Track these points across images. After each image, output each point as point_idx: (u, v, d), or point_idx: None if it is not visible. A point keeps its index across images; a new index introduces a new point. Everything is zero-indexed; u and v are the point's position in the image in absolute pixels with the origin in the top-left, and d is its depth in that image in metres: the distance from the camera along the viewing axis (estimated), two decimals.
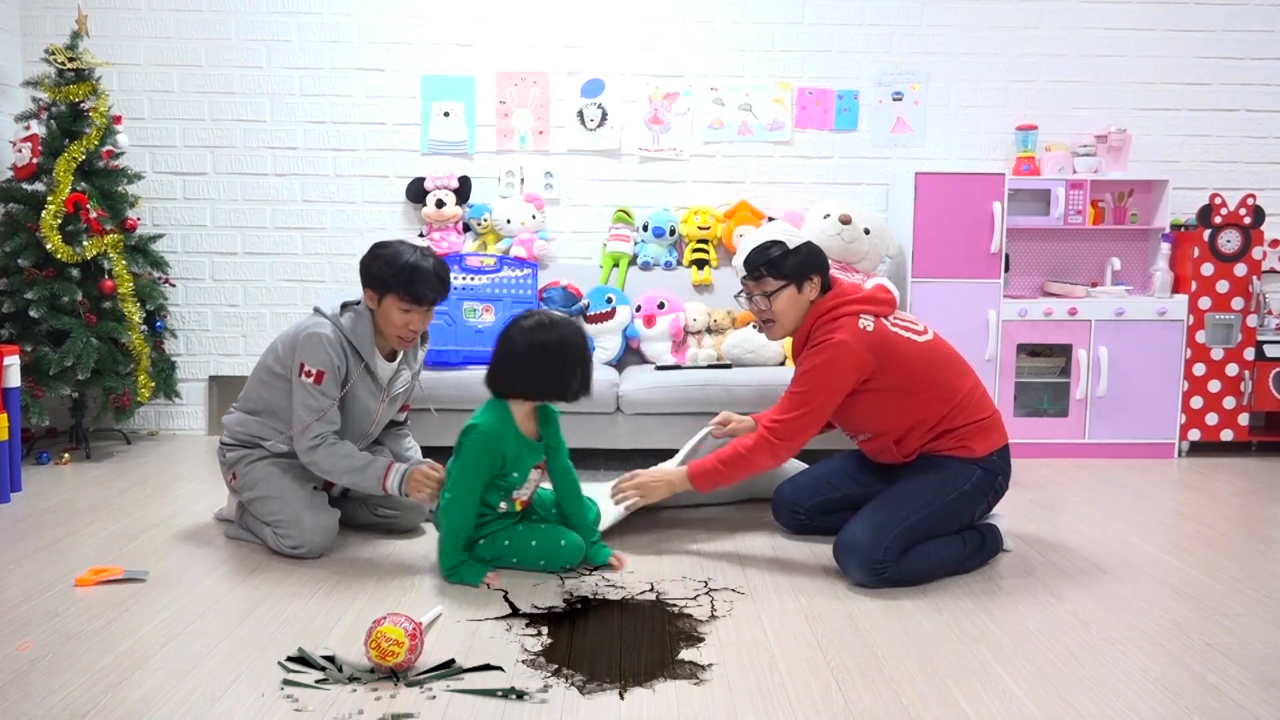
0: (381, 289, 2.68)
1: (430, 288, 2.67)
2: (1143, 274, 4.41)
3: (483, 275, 4.02)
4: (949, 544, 2.61)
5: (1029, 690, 1.94)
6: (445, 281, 2.72)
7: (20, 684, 1.92)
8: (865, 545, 2.50)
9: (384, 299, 2.69)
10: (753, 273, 2.70)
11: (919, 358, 2.65)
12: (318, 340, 2.66)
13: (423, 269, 2.65)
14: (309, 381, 2.65)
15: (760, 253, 2.68)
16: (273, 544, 2.72)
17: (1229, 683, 1.98)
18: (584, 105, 4.40)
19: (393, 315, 2.69)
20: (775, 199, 4.42)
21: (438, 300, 2.72)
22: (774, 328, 2.74)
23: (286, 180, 4.39)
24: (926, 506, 2.57)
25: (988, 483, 2.64)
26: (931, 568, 2.56)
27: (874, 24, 4.40)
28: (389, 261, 2.66)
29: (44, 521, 3.05)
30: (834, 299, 2.69)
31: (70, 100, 3.83)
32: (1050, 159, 4.29)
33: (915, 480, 2.63)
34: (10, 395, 3.39)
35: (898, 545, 2.50)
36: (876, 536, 2.50)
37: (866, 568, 2.49)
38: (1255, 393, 4.17)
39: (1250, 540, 2.99)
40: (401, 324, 2.70)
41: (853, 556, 2.51)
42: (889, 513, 2.55)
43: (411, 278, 2.64)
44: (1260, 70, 4.47)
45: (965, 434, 2.63)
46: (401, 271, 2.64)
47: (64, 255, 3.71)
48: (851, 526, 2.56)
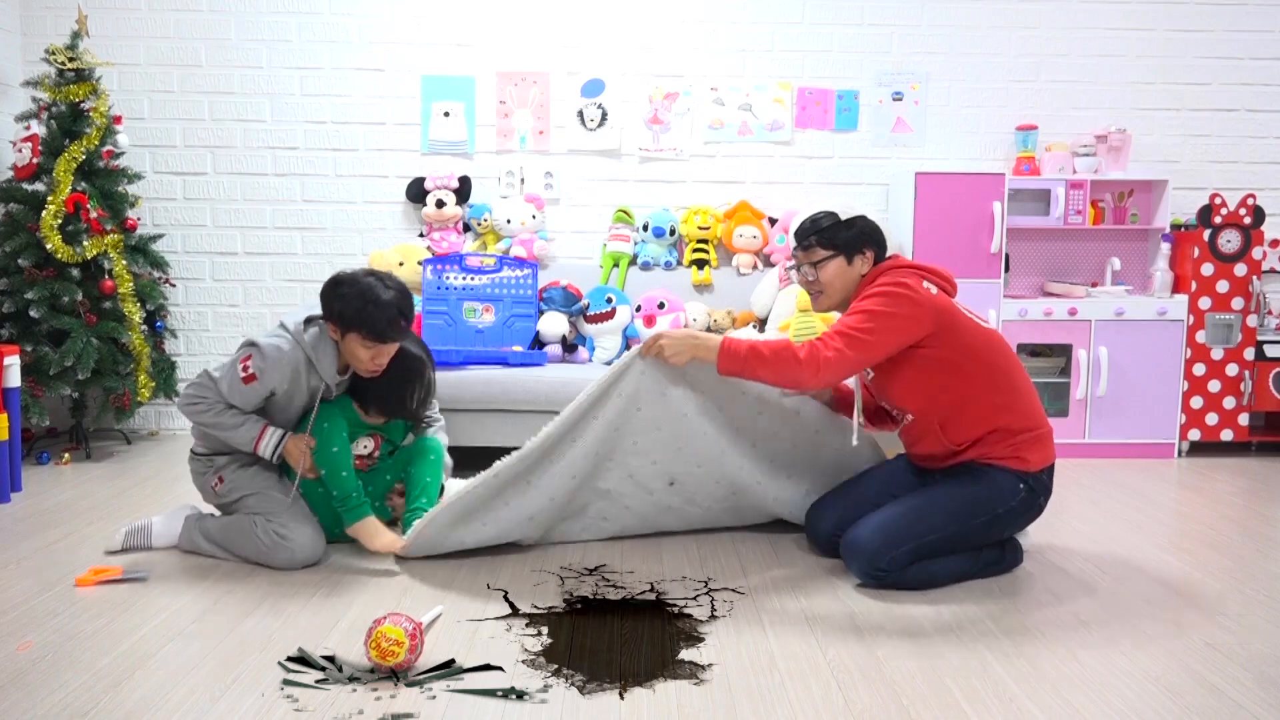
0: (343, 326, 2.64)
1: (391, 327, 2.62)
2: (1143, 274, 4.41)
3: (483, 275, 4.02)
4: (960, 561, 2.52)
5: (1029, 690, 1.94)
6: (408, 315, 2.67)
7: (20, 684, 1.92)
8: (871, 550, 2.43)
9: (346, 335, 2.65)
10: (802, 241, 2.64)
11: (978, 339, 2.50)
12: (275, 354, 2.60)
13: (383, 305, 2.60)
14: (241, 373, 2.60)
15: (811, 222, 2.62)
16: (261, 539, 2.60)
17: (1229, 683, 1.98)
18: (584, 105, 4.40)
19: (358, 352, 2.65)
20: (775, 199, 4.42)
21: (402, 335, 2.69)
22: (821, 299, 2.65)
23: (286, 180, 4.39)
24: (953, 524, 2.46)
25: (1029, 503, 2.52)
26: (936, 581, 2.49)
27: (874, 24, 4.40)
28: (349, 300, 2.61)
29: (44, 521, 3.05)
30: (894, 263, 2.59)
31: (70, 100, 3.83)
32: (1050, 159, 4.29)
33: (951, 491, 2.51)
34: (10, 395, 3.39)
35: (905, 557, 2.43)
36: (886, 543, 2.43)
37: (867, 571, 2.45)
38: (1255, 393, 4.17)
39: (1250, 540, 2.99)
40: (367, 358, 2.66)
41: (857, 556, 2.47)
42: (908, 521, 2.45)
43: (372, 316, 2.59)
44: (1260, 70, 4.47)
45: (1021, 443, 2.49)
46: (363, 311, 2.59)
47: (64, 255, 3.71)
48: (863, 525, 2.48)
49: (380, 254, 4.16)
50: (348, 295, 2.62)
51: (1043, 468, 2.52)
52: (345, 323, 2.63)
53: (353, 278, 2.66)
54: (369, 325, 2.59)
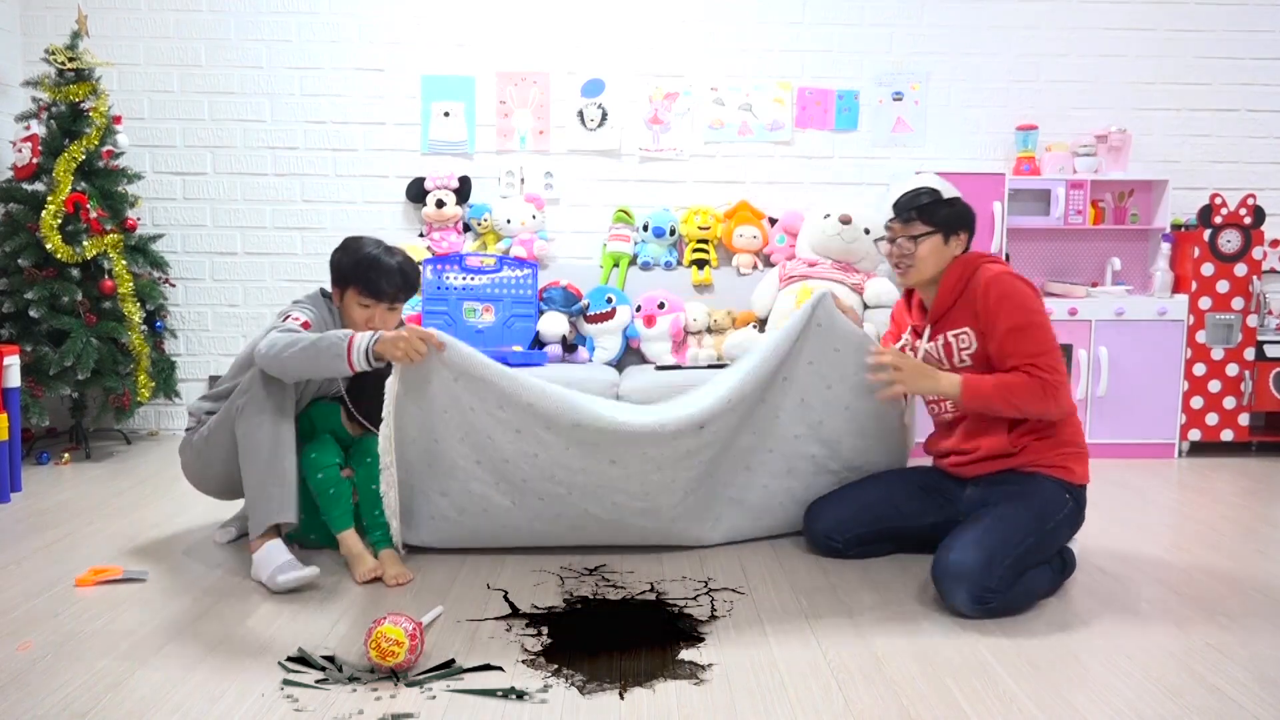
0: (343, 282, 2.61)
1: (389, 281, 2.56)
2: (1143, 274, 4.41)
3: (483, 275, 4.02)
4: (1044, 573, 2.43)
5: (1029, 690, 1.93)
6: (409, 278, 2.61)
7: (20, 684, 1.92)
8: (977, 571, 2.26)
9: (345, 293, 2.61)
10: (902, 214, 2.61)
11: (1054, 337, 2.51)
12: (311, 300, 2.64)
13: (384, 263, 2.56)
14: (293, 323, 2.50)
15: (913, 196, 2.61)
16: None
17: (1229, 683, 1.98)
18: (584, 105, 4.40)
19: (353, 311, 2.60)
20: (775, 199, 4.42)
21: (399, 297, 2.61)
22: (911, 272, 2.62)
23: (286, 180, 4.39)
24: (1033, 534, 2.36)
25: (1075, 515, 2.48)
26: (1033, 600, 2.38)
27: (874, 24, 4.40)
28: (351, 253, 2.59)
29: (44, 521, 3.05)
30: (988, 258, 2.60)
31: (70, 100, 3.83)
32: (1050, 159, 4.29)
33: (1013, 506, 2.41)
34: (10, 395, 3.39)
35: (1010, 575, 2.29)
36: (991, 563, 2.27)
37: (974, 596, 2.26)
38: (1255, 393, 4.17)
39: (1250, 540, 2.99)
40: (362, 321, 2.59)
41: (960, 583, 2.26)
42: (999, 537, 2.32)
43: (371, 270, 2.55)
44: (1260, 70, 4.47)
45: (1068, 455, 2.48)
46: (361, 264, 2.56)
47: (64, 255, 3.71)
48: (959, 550, 2.30)
49: None
50: (352, 249, 2.60)
51: (1084, 483, 2.50)
52: (344, 277, 2.59)
53: (360, 239, 2.64)
54: (367, 280, 2.55)
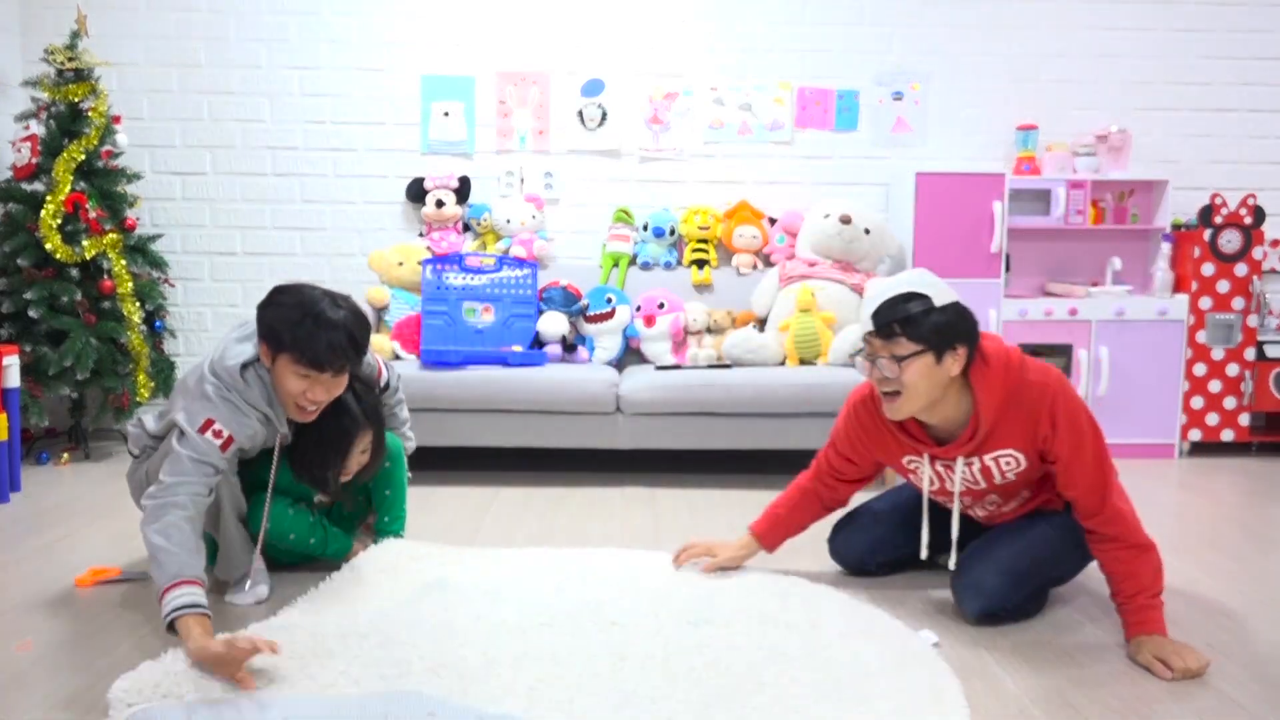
0: (275, 344, 2.10)
1: (333, 351, 2.07)
2: (1143, 274, 4.41)
3: (482, 275, 4.02)
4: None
5: (1030, 690, 1.93)
6: (358, 343, 2.13)
7: (20, 684, 1.92)
8: (998, 594, 2.22)
9: (277, 358, 2.11)
10: (882, 329, 2.09)
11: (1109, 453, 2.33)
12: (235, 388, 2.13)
13: (326, 320, 2.07)
14: (215, 441, 2.07)
15: (895, 305, 2.08)
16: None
17: (1229, 683, 1.98)
18: (584, 105, 4.40)
19: (287, 380, 2.11)
20: (775, 199, 4.42)
21: (345, 368, 2.14)
22: (898, 401, 2.12)
23: (286, 180, 4.39)
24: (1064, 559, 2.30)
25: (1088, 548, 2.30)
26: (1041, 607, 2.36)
27: (874, 24, 4.40)
28: (286, 309, 2.09)
29: (44, 521, 3.05)
30: (1013, 359, 2.21)
31: (70, 100, 3.83)
32: (1051, 159, 4.29)
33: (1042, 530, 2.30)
34: (10, 395, 3.39)
35: (1026, 599, 2.27)
36: (1015, 587, 2.23)
37: (987, 611, 2.23)
38: (1256, 393, 4.17)
39: (1250, 540, 2.99)
40: (298, 392, 2.11)
41: (978, 599, 2.23)
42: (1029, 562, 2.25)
43: (310, 334, 2.06)
44: (1260, 70, 4.47)
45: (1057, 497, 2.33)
46: (300, 325, 2.06)
47: (63, 255, 3.71)
48: (984, 568, 2.24)
49: (380, 254, 4.16)
50: (285, 305, 2.10)
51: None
52: (277, 340, 2.09)
53: (297, 288, 2.15)
54: (304, 346, 2.06)
